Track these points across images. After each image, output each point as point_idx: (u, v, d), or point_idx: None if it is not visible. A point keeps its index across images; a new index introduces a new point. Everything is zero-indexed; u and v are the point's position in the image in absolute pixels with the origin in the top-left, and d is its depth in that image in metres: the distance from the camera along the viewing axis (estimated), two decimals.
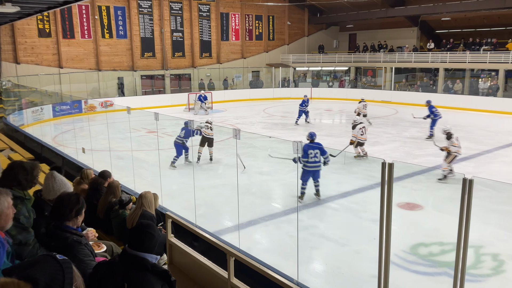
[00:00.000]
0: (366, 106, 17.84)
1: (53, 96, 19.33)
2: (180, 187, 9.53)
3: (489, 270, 5.90)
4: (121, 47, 24.92)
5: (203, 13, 27.55)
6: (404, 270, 5.85)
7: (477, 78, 24.16)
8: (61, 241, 2.93)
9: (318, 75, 31.33)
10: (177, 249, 4.45)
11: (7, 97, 18.69)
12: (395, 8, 26.63)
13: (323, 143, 13.93)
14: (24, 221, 3.15)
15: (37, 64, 22.28)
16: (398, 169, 3.15)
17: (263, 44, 30.54)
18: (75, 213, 3.02)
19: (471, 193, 2.85)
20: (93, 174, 6.05)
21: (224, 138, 14.45)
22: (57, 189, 3.61)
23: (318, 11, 31.60)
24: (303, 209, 8.22)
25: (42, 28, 22.23)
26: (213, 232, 5.34)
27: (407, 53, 26.31)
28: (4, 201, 2.52)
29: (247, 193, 9.13)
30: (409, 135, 15.45)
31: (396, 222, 3.34)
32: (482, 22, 25.69)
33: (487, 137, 14.84)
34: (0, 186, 3.26)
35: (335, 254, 6.53)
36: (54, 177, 3.73)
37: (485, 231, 6.98)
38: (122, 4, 24.56)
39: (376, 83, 28.40)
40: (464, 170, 10.57)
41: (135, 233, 2.61)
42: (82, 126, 16.86)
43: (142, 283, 2.48)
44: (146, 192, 4.95)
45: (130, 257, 2.55)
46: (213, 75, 28.00)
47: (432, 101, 15.56)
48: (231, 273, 3.79)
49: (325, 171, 8.82)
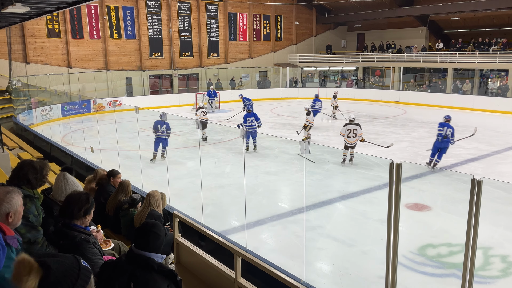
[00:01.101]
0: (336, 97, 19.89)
1: (62, 96, 19.49)
2: (187, 187, 9.56)
3: (498, 272, 5.85)
4: (130, 47, 25.05)
5: (211, 13, 27.60)
6: (412, 271, 5.82)
7: (486, 78, 23.96)
8: (70, 240, 2.96)
9: (326, 75, 31.26)
10: (184, 249, 4.47)
11: (17, 97, 18.87)
12: (403, 7, 26.47)
13: (330, 143, 13.94)
14: (33, 219, 3.18)
15: (46, 64, 22.46)
16: (406, 169, 3.13)
17: (270, 44, 30.52)
18: (83, 212, 3.04)
19: (480, 194, 2.83)
20: (104, 174, 6.08)
21: (232, 138, 14.47)
22: (69, 191, 3.63)
23: (326, 10, 31.52)
24: (310, 209, 8.21)
25: (52, 28, 22.41)
26: (220, 232, 5.35)
27: (415, 53, 26.16)
28: (18, 200, 2.56)
29: (254, 193, 9.13)
30: (418, 136, 15.36)
31: (404, 223, 3.33)
32: (491, 21, 25.46)
33: (497, 138, 14.70)
34: (10, 184, 3.30)
35: (342, 255, 6.51)
36: (66, 179, 3.76)
37: (494, 232, 6.92)
38: (131, 4, 24.68)
39: (384, 83, 28.26)
40: (473, 171, 10.49)
41: (140, 233, 2.62)
42: (91, 126, 16.97)
43: (148, 282, 2.49)
44: (153, 191, 4.97)
45: (136, 256, 2.56)
46: (221, 75, 28.04)
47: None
48: (238, 272, 3.79)
49: (332, 171, 8.80)
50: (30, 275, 1.62)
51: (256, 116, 13.11)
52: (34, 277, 1.62)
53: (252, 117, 12.94)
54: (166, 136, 11.46)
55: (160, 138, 11.44)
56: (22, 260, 1.63)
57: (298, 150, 4.01)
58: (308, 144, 3.92)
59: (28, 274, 1.61)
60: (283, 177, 10.78)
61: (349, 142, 11.16)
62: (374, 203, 8.46)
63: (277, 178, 10.72)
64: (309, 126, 14.08)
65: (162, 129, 11.38)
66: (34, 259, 1.66)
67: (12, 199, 2.51)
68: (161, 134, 11.39)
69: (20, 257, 1.64)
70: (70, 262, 1.77)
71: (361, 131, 11.22)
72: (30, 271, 1.62)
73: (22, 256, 1.65)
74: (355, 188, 9.64)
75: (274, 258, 4.84)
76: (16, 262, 1.64)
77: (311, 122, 14.19)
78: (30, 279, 1.61)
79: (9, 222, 2.48)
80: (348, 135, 11.14)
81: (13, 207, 2.51)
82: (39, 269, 1.64)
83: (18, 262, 1.63)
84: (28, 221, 3.11)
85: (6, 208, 2.47)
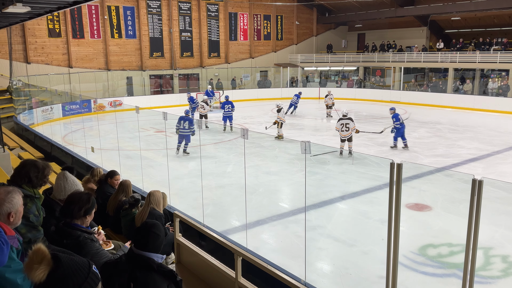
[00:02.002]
0: (332, 98, 20.16)
1: (62, 96, 19.50)
2: (188, 186, 9.56)
3: (498, 272, 5.85)
4: (130, 47, 25.06)
5: (211, 13, 27.60)
6: (412, 271, 5.82)
7: (487, 78, 23.94)
8: (73, 239, 2.96)
9: (327, 75, 31.25)
10: (185, 248, 4.47)
11: (18, 97, 18.89)
12: (404, 7, 26.46)
13: (330, 143, 13.93)
14: (33, 219, 3.18)
15: (47, 63, 22.48)
16: (407, 169, 3.13)
17: (271, 44, 30.52)
18: (84, 212, 3.04)
19: (480, 194, 2.82)
20: (102, 173, 6.09)
21: (232, 138, 14.48)
22: (68, 190, 3.63)
23: (327, 10, 31.51)
24: (310, 209, 8.20)
25: (52, 28, 22.43)
26: (221, 232, 5.35)
27: (416, 53, 26.15)
28: (19, 200, 2.57)
29: (255, 193, 9.13)
30: (418, 136, 15.35)
31: (404, 223, 3.33)
32: (492, 21, 25.44)
33: (497, 138, 14.69)
34: (11, 182, 3.31)
35: (343, 255, 6.51)
36: (66, 177, 3.76)
37: (495, 232, 6.92)
38: (131, 4, 24.69)
39: (385, 83, 28.25)
40: (473, 171, 10.48)
41: (140, 233, 2.62)
42: (92, 126, 16.97)
43: (148, 283, 2.49)
44: (154, 191, 4.98)
45: (136, 256, 2.56)
46: (221, 75, 28.04)
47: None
48: (238, 272, 3.79)
49: (333, 171, 8.81)
50: (41, 264, 1.67)
51: (232, 104, 16.51)
52: (45, 267, 1.68)
53: (229, 105, 16.32)
54: (189, 133, 12.16)
55: (182, 134, 12.13)
56: (38, 249, 1.70)
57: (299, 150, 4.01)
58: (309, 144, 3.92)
59: (39, 263, 1.67)
60: (283, 177, 10.78)
61: (343, 135, 12.16)
62: (375, 203, 8.45)
63: (277, 178, 10.72)
64: (279, 123, 14.60)
65: (184, 124, 12.01)
66: (49, 251, 1.72)
67: (13, 199, 2.52)
68: (184, 130, 12.08)
69: (37, 246, 1.71)
70: (82, 262, 1.81)
71: (353, 125, 12.19)
72: (42, 261, 1.68)
73: (39, 245, 1.72)
74: (355, 188, 9.64)
75: (274, 258, 4.84)
76: (32, 251, 1.70)
77: (282, 119, 14.73)
78: (41, 268, 1.67)
79: (10, 221, 2.49)
80: (341, 129, 12.17)
81: (14, 207, 2.52)
82: (50, 261, 1.70)
83: (34, 251, 1.70)
84: (28, 221, 3.11)
85: (7, 208, 2.48)
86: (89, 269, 1.80)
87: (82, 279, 1.75)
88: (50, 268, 1.69)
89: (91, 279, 1.78)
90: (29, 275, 1.68)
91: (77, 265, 1.78)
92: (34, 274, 1.66)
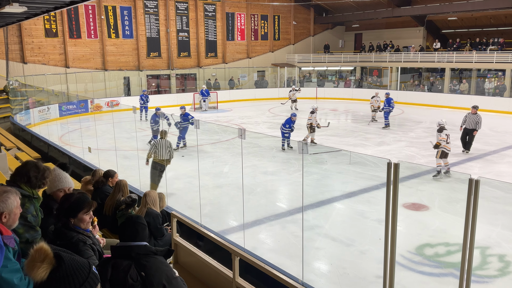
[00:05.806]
0: (378, 100, 18.56)
1: (59, 96, 19.45)
2: (185, 186, 9.55)
3: (495, 271, 5.87)
4: (127, 47, 25.01)
5: (208, 13, 27.59)
6: (409, 271, 5.83)
7: (483, 78, 24.01)
8: (67, 240, 2.95)
9: (324, 75, 31.27)
10: (183, 249, 4.47)
11: (14, 97, 18.83)
12: (401, 7, 26.51)
13: (328, 143, 13.94)
14: (31, 219, 3.17)
15: (44, 63, 22.41)
16: (404, 169, 3.14)
17: (268, 44, 30.52)
18: (79, 212, 3.02)
19: (477, 193, 2.83)
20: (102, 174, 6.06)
21: (229, 138, 14.48)
22: (53, 183, 3.64)
23: (324, 10, 31.53)
24: (308, 209, 8.22)
25: (49, 28, 22.36)
26: (218, 232, 5.35)
27: (413, 53, 26.19)
28: (14, 201, 2.55)
29: (252, 192, 9.14)
30: (415, 135, 15.39)
31: (401, 222, 3.33)
32: (489, 21, 25.52)
33: (494, 138, 14.74)
34: (11, 181, 3.31)
35: (340, 254, 6.52)
36: (54, 170, 3.74)
37: (491, 232, 6.94)
38: (128, 4, 24.65)
39: (382, 83, 28.29)
40: (470, 171, 10.52)
41: (128, 226, 2.69)
42: (89, 126, 16.94)
43: (158, 266, 2.57)
44: (149, 191, 4.99)
45: (134, 248, 2.60)
46: (219, 75, 28.03)
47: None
48: (236, 272, 3.79)
49: (330, 171, 8.82)
50: (44, 262, 1.69)
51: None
52: (47, 266, 1.69)
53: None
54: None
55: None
56: (41, 247, 1.71)
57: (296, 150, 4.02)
58: (306, 144, 3.92)
59: (42, 261, 1.69)
60: (281, 177, 10.79)
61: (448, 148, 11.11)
62: (372, 203, 8.47)
63: (275, 178, 10.73)
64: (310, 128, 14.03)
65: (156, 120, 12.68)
66: (51, 250, 1.73)
67: (7, 199, 2.50)
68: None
69: (39, 245, 1.72)
70: (82, 263, 1.83)
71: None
72: (44, 259, 1.69)
73: (42, 244, 1.72)
74: (353, 187, 9.65)
75: (272, 258, 4.85)
76: (35, 249, 1.71)
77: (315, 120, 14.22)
78: (43, 266, 1.68)
79: (3, 222, 2.47)
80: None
81: (8, 207, 2.50)
82: (53, 260, 1.71)
83: (36, 249, 1.70)
84: (26, 221, 3.10)
85: (0, 207, 2.46)
86: (89, 269, 1.82)
87: (82, 279, 1.77)
88: (52, 266, 1.70)
89: (91, 279, 1.80)
90: (30, 274, 1.68)
91: (78, 265, 1.79)
92: (36, 273, 1.67)
